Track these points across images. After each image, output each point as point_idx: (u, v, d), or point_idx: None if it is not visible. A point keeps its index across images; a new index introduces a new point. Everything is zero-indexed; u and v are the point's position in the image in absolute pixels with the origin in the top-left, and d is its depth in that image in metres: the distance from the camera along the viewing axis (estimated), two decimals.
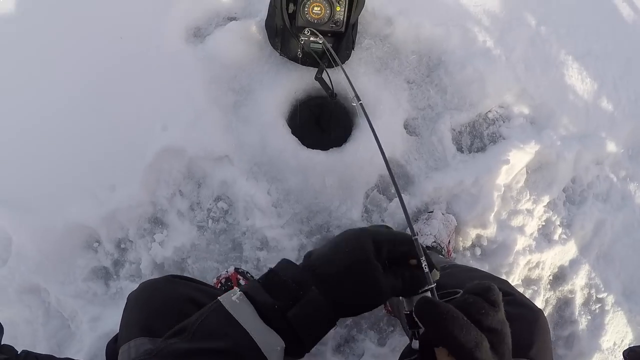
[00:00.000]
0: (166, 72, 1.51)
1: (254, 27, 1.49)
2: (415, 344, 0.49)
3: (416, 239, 0.54)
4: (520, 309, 0.82)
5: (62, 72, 1.52)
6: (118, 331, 0.91)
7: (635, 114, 1.72)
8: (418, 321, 0.47)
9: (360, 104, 0.79)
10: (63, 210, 1.42)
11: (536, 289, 1.56)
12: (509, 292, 0.86)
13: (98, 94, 1.50)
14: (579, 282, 1.59)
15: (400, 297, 0.55)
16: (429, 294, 0.52)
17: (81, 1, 1.59)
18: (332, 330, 1.35)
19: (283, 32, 1.39)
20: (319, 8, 1.34)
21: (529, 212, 1.56)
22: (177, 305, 0.85)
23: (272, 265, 0.59)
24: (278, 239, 1.44)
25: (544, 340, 0.81)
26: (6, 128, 1.50)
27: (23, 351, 1.01)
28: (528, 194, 1.56)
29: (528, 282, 1.57)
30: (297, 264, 0.57)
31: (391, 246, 0.55)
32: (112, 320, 1.37)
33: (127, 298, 0.92)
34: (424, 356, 0.47)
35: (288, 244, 1.44)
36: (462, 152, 1.59)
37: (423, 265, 0.53)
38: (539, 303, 1.56)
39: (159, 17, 1.56)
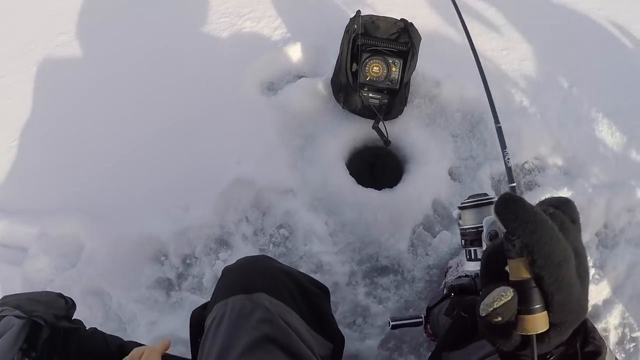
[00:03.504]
0: (243, 116, 1.79)
1: (320, 84, 1.77)
2: (469, 265, 0.43)
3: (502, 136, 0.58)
4: None
5: (156, 106, 1.82)
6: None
7: None
8: (498, 220, 0.38)
9: None
10: (138, 222, 1.58)
11: None
12: None
13: (185, 128, 1.77)
14: (612, 321, 1.66)
15: (457, 211, 0.49)
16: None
17: (179, 55, 1.95)
18: (375, 351, 1.50)
19: (346, 88, 1.65)
20: (377, 68, 1.60)
21: None
22: (274, 273, 0.90)
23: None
24: (332, 264, 1.61)
25: None
26: (100, 145, 1.76)
27: (91, 327, 1.04)
28: None
29: None
30: None
31: None
32: (168, 326, 1.47)
33: (223, 271, 0.96)
34: (488, 273, 0.41)
35: (340, 269, 1.62)
36: None
37: (505, 160, 0.58)
38: None
39: (239, 71, 1.87)
